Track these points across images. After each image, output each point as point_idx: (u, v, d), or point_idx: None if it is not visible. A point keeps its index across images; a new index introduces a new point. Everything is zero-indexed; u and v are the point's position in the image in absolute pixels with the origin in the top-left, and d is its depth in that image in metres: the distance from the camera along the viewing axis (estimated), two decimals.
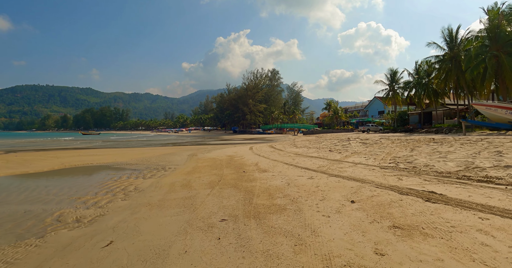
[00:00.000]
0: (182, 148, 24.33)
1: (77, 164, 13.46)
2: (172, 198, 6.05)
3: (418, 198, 4.65)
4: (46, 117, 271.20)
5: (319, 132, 57.04)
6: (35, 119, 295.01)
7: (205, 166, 11.04)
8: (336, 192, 5.39)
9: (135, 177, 9.55)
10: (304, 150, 14.72)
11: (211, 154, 16.33)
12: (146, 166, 12.59)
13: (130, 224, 4.55)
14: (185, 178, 8.43)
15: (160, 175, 9.84)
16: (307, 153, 13.08)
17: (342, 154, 11.56)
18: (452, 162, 7.65)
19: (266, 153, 14.71)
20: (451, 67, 34.60)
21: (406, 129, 39.77)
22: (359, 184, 5.97)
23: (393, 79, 46.23)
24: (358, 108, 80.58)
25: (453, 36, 35.60)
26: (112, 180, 9.18)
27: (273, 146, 20.57)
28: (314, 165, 9.22)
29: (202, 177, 8.34)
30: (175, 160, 14.70)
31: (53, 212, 5.73)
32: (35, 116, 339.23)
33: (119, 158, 15.83)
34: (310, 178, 6.95)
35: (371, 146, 13.31)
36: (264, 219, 4.13)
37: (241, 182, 7.06)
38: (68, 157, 16.60)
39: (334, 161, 9.75)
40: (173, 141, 42.30)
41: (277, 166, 9.57)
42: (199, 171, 9.72)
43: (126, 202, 6.26)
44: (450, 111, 41.69)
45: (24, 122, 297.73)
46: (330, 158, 10.78)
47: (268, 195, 5.53)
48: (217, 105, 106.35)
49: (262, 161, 11.43)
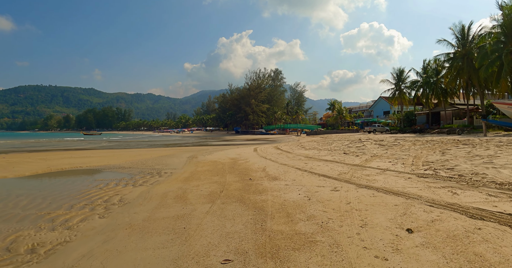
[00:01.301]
0: (182, 149, 23.02)
1: (64, 167, 12.17)
2: (160, 216, 4.71)
3: (502, 226, 3.29)
4: (48, 117, 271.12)
5: (323, 133, 55.61)
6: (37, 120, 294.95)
7: (205, 171, 9.70)
8: (377, 213, 4.02)
9: (124, 184, 8.23)
10: (315, 152, 13.34)
11: (213, 156, 15.01)
12: (140, 169, 11.28)
13: (96, 262, 3.22)
14: (181, 187, 7.09)
15: (153, 181, 8.51)
16: (319, 156, 11.70)
17: (361, 158, 10.18)
18: (506, 168, 6.27)
19: (273, 156, 13.35)
20: (462, 65, 33.10)
21: (414, 130, 38.33)
22: (403, 199, 4.59)
23: (399, 78, 44.70)
24: (362, 109, 79.05)
25: (465, 32, 34.13)
26: (97, 188, 7.86)
27: (279, 147, 19.20)
28: (332, 171, 7.84)
29: (201, 186, 7.00)
30: (173, 162, 13.39)
31: (7, 236, 4.40)
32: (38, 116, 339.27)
33: (113, 160, 14.54)
34: (334, 190, 5.59)
35: (391, 148, 11.91)
36: (288, 261, 2.78)
37: (248, 194, 5.71)
38: (58, 159, 15.34)
39: (355, 166, 8.38)
40: (174, 141, 41.02)
41: (289, 172, 8.21)
42: (197, 178, 8.38)
43: (104, 220, 4.94)
44: (459, 111, 40.15)
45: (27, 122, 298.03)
46: (349, 162, 9.40)
47: (285, 216, 4.17)
48: (219, 105, 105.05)
49: (270, 165, 10.07)
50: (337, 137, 31.64)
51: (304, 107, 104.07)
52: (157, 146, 29.46)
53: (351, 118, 66.03)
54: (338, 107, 63.82)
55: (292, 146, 19.55)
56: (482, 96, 33.23)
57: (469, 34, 33.79)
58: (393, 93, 45.14)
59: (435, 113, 42.49)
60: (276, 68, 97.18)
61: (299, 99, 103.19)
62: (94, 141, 43.76)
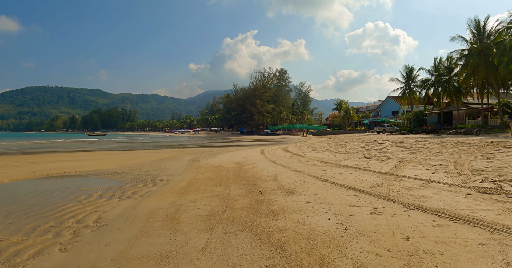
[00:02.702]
0: (184, 150, 21.72)
1: (50, 173, 10.91)
2: (138, 254, 3.34)
3: None
4: (54, 118, 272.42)
5: (329, 133, 54.00)
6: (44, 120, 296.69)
7: (206, 179, 8.33)
8: (462, 260, 2.61)
9: (110, 196, 6.91)
10: (330, 156, 11.89)
11: (216, 160, 13.65)
12: (134, 176, 9.97)
13: None
14: (175, 202, 5.72)
15: (145, 192, 7.17)
16: (337, 161, 10.25)
17: (388, 163, 8.72)
18: None
19: (283, 159, 11.94)
20: (479, 62, 31.33)
21: (426, 130, 36.61)
22: (485, 233, 3.16)
23: (409, 77, 42.69)
24: (369, 108, 77.16)
25: (480, 28, 32.38)
26: (76, 201, 6.55)
27: (288, 149, 17.77)
28: (360, 181, 6.41)
29: (199, 201, 5.62)
30: (172, 167, 12.07)
31: None
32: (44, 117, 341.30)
33: (107, 164, 13.27)
34: (375, 212, 4.17)
35: (419, 152, 10.41)
36: None
37: (259, 217, 4.32)
38: (49, 163, 14.12)
39: (387, 175, 6.92)
40: (177, 142, 39.78)
41: (307, 182, 6.79)
42: (196, 188, 7.01)
43: (62, 256, 3.61)
44: (473, 110, 38.28)
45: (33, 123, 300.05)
46: (375, 169, 7.95)
47: (319, 262, 2.78)
48: (224, 105, 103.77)
49: (281, 172, 8.66)
50: (347, 138, 30.08)
51: (310, 108, 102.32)
52: (159, 147, 28.20)
53: (358, 119, 64.21)
54: (345, 107, 62.01)
55: (301, 148, 18.10)
56: (498, 95, 31.43)
57: (485, 30, 32.02)
58: (403, 92, 43.23)
59: (446, 113, 40.59)
60: (282, 68, 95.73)
61: (304, 99, 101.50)
62: (96, 142, 42.74)
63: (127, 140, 53.21)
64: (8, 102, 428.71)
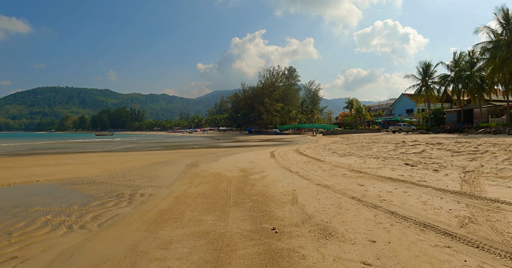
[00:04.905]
0: (186, 152, 19.58)
1: (13, 182, 8.89)
2: None
3: None
4: (64, 118, 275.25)
5: (341, 132, 51.30)
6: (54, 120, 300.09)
7: (199, 196, 6.12)
8: None
9: (58, 223, 4.81)
10: (358, 162, 9.54)
11: (218, 165, 11.45)
12: (112, 187, 7.85)
13: None
14: (135, 247, 3.50)
15: (108, 218, 5.00)
16: (371, 169, 7.89)
17: (447, 174, 6.35)
18: None
19: (298, 165, 9.64)
20: (508, 55, 28.42)
21: (447, 130, 33.72)
22: None
23: (426, 73, 39.36)
24: (382, 107, 73.95)
25: (510, 17, 29.47)
26: (6, 233, 4.45)
27: (301, 151, 15.42)
28: (432, 210, 4.06)
29: (174, 248, 3.39)
30: (164, 174, 9.93)
31: None
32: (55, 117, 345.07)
33: (89, 170, 11.21)
34: None
35: (481, 158, 7.97)
36: None
37: None
38: (26, 167, 12.17)
39: (464, 197, 4.56)
40: (182, 142, 37.76)
41: (345, 208, 4.48)
42: (179, 214, 4.80)
43: None
44: (496, 108, 35.16)
45: (44, 123, 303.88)
46: (434, 183, 5.59)
47: None
48: (232, 105, 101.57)
49: (301, 186, 6.38)
50: (363, 138, 27.54)
51: (319, 107, 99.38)
52: (160, 147, 26.17)
53: (371, 117, 61.18)
54: (357, 106, 59.05)
55: (316, 149, 15.76)
56: None
57: None
58: (419, 89, 40.03)
59: (467, 111, 37.36)
60: (290, 66, 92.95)
61: (314, 98, 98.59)
62: (99, 142, 41.12)
63: (132, 140, 51.56)
64: (20, 102, 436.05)
